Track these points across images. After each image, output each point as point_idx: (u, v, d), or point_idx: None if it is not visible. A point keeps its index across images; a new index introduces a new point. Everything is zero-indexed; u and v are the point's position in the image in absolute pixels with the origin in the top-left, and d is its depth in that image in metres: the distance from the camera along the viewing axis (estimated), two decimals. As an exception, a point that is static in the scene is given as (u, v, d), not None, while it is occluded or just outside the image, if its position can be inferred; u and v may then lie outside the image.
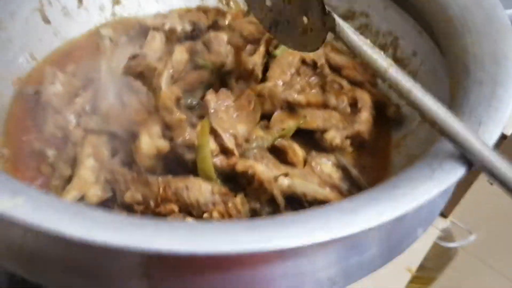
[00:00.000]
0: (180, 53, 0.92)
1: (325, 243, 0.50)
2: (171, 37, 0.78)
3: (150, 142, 0.71)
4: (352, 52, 0.66)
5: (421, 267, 1.12)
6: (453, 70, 0.77)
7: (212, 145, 0.73)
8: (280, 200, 0.73)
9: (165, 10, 1.09)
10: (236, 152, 0.74)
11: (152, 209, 0.72)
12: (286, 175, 0.75)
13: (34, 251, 0.58)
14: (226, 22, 1.02)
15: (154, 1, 1.09)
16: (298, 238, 0.48)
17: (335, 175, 0.83)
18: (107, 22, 1.05)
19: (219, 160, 0.73)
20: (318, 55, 0.95)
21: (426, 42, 0.92)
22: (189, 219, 0.72)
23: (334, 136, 0.85)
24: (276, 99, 0.86)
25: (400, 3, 0.98)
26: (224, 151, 0.74)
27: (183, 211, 0.72)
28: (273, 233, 0.47)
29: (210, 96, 0.77)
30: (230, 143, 0.74)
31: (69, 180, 0.76)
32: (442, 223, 1.17)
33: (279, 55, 0.93)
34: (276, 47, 0.96)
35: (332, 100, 0.86)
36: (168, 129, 0.71)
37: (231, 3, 1.13)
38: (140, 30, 0.96)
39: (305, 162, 0.84)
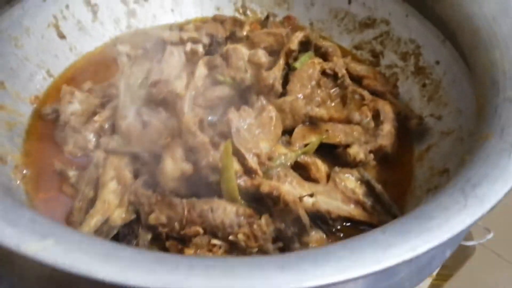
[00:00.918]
0: (198, 68, 0.91)
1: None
2: (193, 59, 0.77)
3: (174, 165, 0.70)
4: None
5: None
6: (480, 84, 0.76)
7: (235, 165, 0.72)
8: (306, 220, 0.71)
9: (180, 20, 1.08)
10: (260, 172, 0.73)
11: (177, 231, 0.72)
12: (311, 195, 0.74)
13: (63, 283, 0.57)
14: (244, 33, 1.01)
15: (169, 11, 1.08)
16: (332, 276, 0.47)
17: (359, 191, 0.81)
18: (123, 34, 1.04)
19: (243, 181, 0.72)
20: (338, 66, 0.93)
21: (450, 52, 0.90)
22: (215, 241, 0.71)
23: (358, 151, 0.83)
24: (297, 114, 0.85)
25: (422, 11, 0.96)
26: (248, 171, 0.73)
27: (209, 233, 0.72)
28: (306, 273, 0.47)
29: (232, 115, 0.76)
30: (253, 163, 0.73)
31: (92, 201, 0.75)
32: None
33: (299, 68, 0.92)
34: (295, 59, 0.94)
35: (356, 116, 0.85)
36: (191, 152, 0.70)
37: (248, 11, 1.11)
38: (157, 43, 0.95)
39: (328, 177, 0.83)
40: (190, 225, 0.71)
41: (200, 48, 0.76)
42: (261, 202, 0.74)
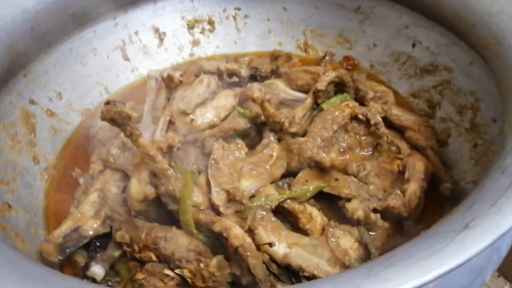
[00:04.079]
0: (225, 98, 0.91)
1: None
2: (170, 84, 0.76)
3: (138, 187, 0.70)
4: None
5: None
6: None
7: (200, 198, 0.70)
8: (258, 271, 0.65)
9: (242, 52, 1.09)
10: (223, 209, 0.69)
11: (136, 253, 0.72)
12: (270, 245, 0.68)
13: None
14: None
15: (232, 43, 1.10)
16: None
17: (354, 253, 0.71)
18: (184, 62, 1.09)
19: (204, 215, 0.69)
20: (372, 112, 0.83)
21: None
22: (168, 272, 0.69)
23: (356, 208, 0.73)
24: (302, 156, 0.78)
25: (487, 59, 0.81)
26: (212, 206, 0.70)
27: (163, 261, 0.70)
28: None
29: (216, 147, 0.74)
30: (217, 198, 0.69)
31: (85, 210, 0.80)
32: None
33: (325, 109, 0.85)
34: (329, 98, 0.88)
35: (352, 167, 0.75)
36: (154, 177, 0.70)
37: (309, 49, 1.07)
38: (199, 72, 0.98)
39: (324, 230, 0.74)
40: (145, 250, 0.71)
41: (177, 75, 0.75)
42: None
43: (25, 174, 0.86)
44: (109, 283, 0.72)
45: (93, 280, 0.71)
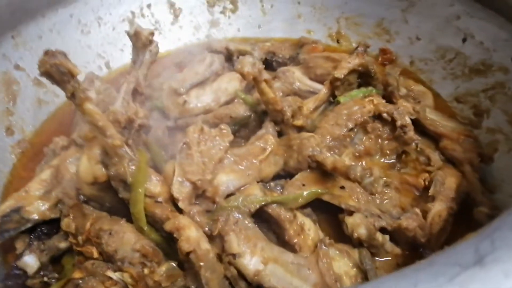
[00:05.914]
0: (229, 82, 0.77)
1: None
2: (137, 43, 0.63)
3: (88, 165, 0.57)
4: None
5: None
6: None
7: (156, 187, 0.56)
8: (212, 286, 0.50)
9: (265, 37, 0.95)
10: (183, 204, 0.55)
11: (79, 246, 0.59)
12: (234, 256, 0.52)
13: None
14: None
15: (256, 27, 0.97)
16: None
17: (348, 281, 0.55)
18: (199, 43, 0.97)
19: (161, 209, 0.55)
20: (400, 112, 0.67)
21: None
22: (111, 274, 0.55)
23: (358, 224, 0.57)
24: (301, 155, 0.63)
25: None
26: (172, 198, 0.56)
27: (107, 260, 0.57)
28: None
29: (192, 129, 0.60)
30: (177, 190, 0.55)
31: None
32: None
33: (342, 102, 0.70)
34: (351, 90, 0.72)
35: (356, 169, 0.57)
36: (106, 155, 0.56)
37: (342, 40, 0.92)
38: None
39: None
40: (88, 243, 0.57)
41: (145, 32, 0.61)
42: (181, 244, 0.55)
43: (-7, 143, 0.77)
44: (45, 278, 0.59)
45: (24, 273, 0.58)
